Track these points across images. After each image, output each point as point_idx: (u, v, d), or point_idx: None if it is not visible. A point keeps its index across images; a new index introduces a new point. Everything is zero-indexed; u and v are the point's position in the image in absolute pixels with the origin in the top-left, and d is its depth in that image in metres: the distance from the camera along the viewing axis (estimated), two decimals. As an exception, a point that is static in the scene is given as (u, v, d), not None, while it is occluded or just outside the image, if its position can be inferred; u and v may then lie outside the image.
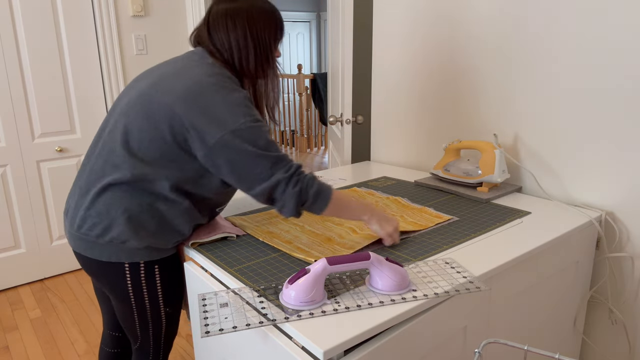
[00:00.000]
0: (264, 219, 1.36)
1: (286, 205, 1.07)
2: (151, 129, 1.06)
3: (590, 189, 1.44)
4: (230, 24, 1.13)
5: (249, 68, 1.16)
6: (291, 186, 1.06)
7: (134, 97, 1.10)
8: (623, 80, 1.31)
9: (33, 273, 2.80)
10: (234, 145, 1.03)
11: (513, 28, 1.54)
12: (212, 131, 1.02)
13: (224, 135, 1.02)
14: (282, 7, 7.67)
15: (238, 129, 1.03)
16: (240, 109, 1.05)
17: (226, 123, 1.02)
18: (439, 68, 1.80)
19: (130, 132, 1.08)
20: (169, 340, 1.29)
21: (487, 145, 1.54)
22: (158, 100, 1.06)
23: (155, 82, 1.09)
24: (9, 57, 2.51)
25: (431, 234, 1.23)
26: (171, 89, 1.06)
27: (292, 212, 1.08)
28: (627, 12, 1.27)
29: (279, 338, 0.85)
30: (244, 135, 1.03)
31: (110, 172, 1.09)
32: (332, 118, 2.09)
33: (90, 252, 1.11)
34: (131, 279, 1.14)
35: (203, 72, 1.07)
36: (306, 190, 1.07)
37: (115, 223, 1.08)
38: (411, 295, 0.93)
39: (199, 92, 1.04)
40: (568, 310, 1.41)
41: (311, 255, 1.10)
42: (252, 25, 1.13)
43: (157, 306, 1.20)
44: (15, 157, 2.62)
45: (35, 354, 2.10)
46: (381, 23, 2.00)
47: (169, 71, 1.10)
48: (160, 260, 1.16)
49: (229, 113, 1.03)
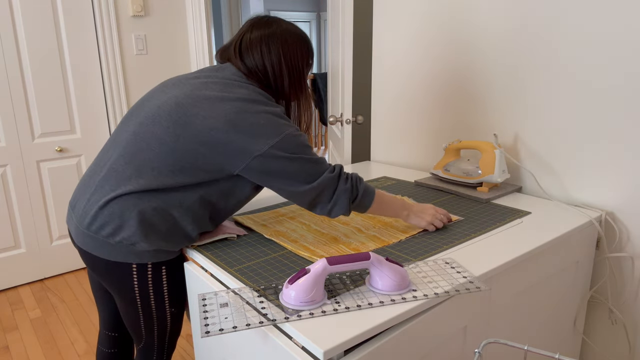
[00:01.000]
0: (270, 217, 1.36)
1: (339, 202, 1.11)
2: (191, 144, 1.06)
3: (590, 189, 1.44)
4: (265, 49, 1.16)
5: (284, 91, 1.20)
6: (342, 183, 1.11)
7: (172, 105, 1.09)
8: (623, 80, 1.31)
9: (33, 273, 2.80)
10: (282, 154, 1.06)
11: (514, 29, 1.54)
12: (260, 144, 1.05)
13: (272, 146, 1.05)
14: (282, 7, 7.67)
15: (285, 138, 1.07)
16: (283, 120, 1.09)
17: (273, 134, 1.06)
18: (439, 68, 1.80)
19: (164, 142, 1.07)
20: (173, 340, 1.29)
21: (487, 145, 1.54)
22: (202, 118, 1.06)
23: (195, 99, 1.09)
24: (9, 57, 2.51)
25: (431, 234, 1.23)
26: (214, 109, 1.07)
27: (344, 209, 1.12)
28: (628, 12, 1.27)
29: (279, 338, 0.85)
30: (291, 143, 1.07)
31: (135, 178, 1.07)
32: (332, 118, 2.09)
33: (99, 251, 1.11)
34: (138, 280, 1.14)
35: (246, 92, 1.11)
36: (356, 186, 1.13)
37: (126, 224, 1.07)
38: (411, 295, 0.93)
39: (245, 110, 1.07)
40: (568, 310, 1.41)
41: (316, 255, 1.10)
42: (287, 51, 1.17)
43: (162, 306, 1.20)
44: (15, 157, 2.62)
45: (35, 354, 2.10)
46: (381, 23, 2.00)
47: (208, 92, 1.10)
48: (167, 262, 1.16)
49: (274, 125, 1.07)
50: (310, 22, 8.06)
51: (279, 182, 1.09)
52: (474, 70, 1.68)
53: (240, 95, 1.09)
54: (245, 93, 1.10)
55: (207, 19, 2.91)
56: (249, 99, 1.08)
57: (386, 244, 1.17)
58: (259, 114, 1.07)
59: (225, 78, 1.13)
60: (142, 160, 1.07)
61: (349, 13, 1.91)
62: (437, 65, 1.80)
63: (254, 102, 1.08)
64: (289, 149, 1.07)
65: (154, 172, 1.07)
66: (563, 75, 1.44)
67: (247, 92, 1.10)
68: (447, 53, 1.76)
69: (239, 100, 1.07)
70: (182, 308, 1.27)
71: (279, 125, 1.07)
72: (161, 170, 1.07)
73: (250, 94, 1.10)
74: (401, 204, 1.22)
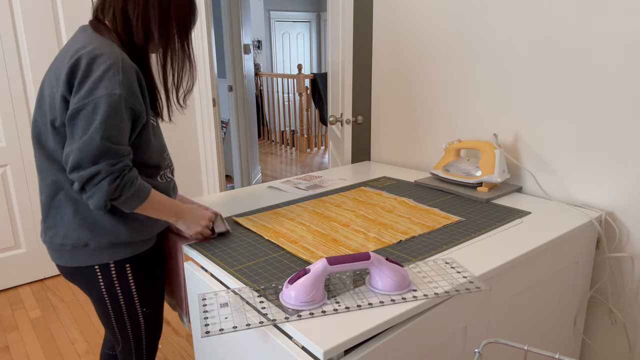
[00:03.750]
0: (270, 218, 1.36)
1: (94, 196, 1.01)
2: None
3: (590, 189, 1.44)
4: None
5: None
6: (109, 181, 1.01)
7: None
8: (623, 80, 1.31)
9: (33, 273, 2.80)
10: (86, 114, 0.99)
11: (514, 29, 1.54)
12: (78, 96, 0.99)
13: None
14: (282, 7, 7.68)
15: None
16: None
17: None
18: (439, 68, 1.80)
19: (39, 125, 1.08)
20: (151, 342, 1.27)
21: (487, 145, 1.54)
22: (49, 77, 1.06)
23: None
24: (9, 57, 2.51)
25: (431, 234, 1.23)
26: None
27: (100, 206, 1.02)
28: (629, 12, 1.27)
29: (279, 338, 0.85)
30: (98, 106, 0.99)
31: (44, 175, 1.09)
32: (332, 118, 2.09)
33: (62, 260, 1.11)
34: (104, 281, 1.13)
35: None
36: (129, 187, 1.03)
37: (69, 228, 1.08)
38: (411, 295, 0.93)
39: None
40: (568, 310, 1.41)
41: (316, 256, 1.10)
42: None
43: (133, 307, 1.19)
44: (15, 157, 2.62)
45: (36, 354, 2.10)
46: (381, 23, 2.00)
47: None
48: (132, 259, 1.15)
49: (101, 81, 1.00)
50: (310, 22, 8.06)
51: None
52: (474, 70, 1.68)
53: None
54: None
55: (207, 19, 2.91)
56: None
57: (386, 244, 1.17)
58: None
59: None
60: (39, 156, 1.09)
61: (349, 13, 1.91)
62: (437, 65, 1.80)
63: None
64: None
65: (53, 164, 1.08)
66: (564, 75, 1.44)
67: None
68: (448, 53, 1.76)
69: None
70: (156, 308, 1.25)
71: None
72: (55, 156, 1.07)
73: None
74: (172, 209, 1.13)
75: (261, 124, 7.15)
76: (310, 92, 6.12)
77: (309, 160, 5.83)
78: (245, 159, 4.27)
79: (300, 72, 5.86)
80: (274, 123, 6.73)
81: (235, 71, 4.06)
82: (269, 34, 7.65)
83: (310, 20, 8.04)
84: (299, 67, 5.87)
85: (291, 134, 6.49)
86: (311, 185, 1.71)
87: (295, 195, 1.58)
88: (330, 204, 1.48)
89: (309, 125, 6.22)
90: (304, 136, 6.25)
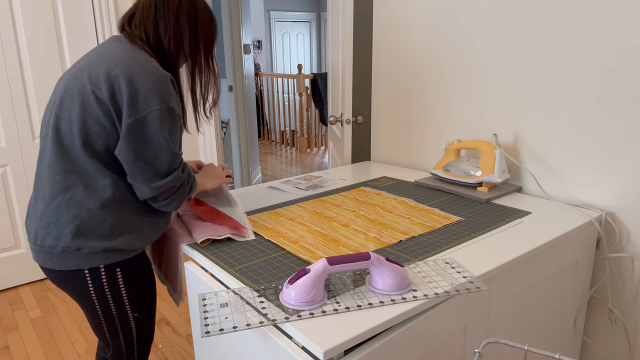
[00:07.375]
0: (270, 218, 1.36)
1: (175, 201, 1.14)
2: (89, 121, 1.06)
3: (590, 189, 1.44)
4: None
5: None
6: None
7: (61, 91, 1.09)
8: (623, 80, 1.31)
9: (33, 273, 2.80)
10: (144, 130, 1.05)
11: (514, 28, 1.54)
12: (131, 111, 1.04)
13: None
14: (282, 7, 7.68)
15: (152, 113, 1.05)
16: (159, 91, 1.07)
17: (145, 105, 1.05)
18: (439, 68, 1.80)
19: (61, 119, 1.07)
20: (143, 347, 1.26)
21: (487, 145, 1.54)
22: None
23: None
24: (9, 57, 2.51)
25: (431, 234, 1.23)
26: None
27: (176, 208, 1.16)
28: (630, 14, 1.27)
29: (279, 338, 0.85)
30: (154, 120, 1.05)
31: (53, 172, 1.08)
32: (332, 118, 2.09)
33: (50, 263, 1.09)
34: (93, 285, 1.11)
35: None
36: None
37: (64, 231, 1.06)
38: (411, 295, 0.93)
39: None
40: (568, 310, 1.41)
41: (316, 256, 1.10)
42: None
43: (124, 312, 1.17)
44: (15, 157, 2.62)
45: (36, 354, 2.10)
46: (381, 23, 2.00)
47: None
48: (122, 263, 1.13)
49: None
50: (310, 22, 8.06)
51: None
52: (474, 70, 1.68)
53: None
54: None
55: (207, 19, 2.91)
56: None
57: (386, 244, 1.17)
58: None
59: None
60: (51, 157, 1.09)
61: (349, 13, 1.91)
62: (437, 65, 1.80)
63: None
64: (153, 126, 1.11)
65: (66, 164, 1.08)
66: (564, 75, 1.44)
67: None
68: (448, 53, 1.76)
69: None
70: (148, 313, 1.24)
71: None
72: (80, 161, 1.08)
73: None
74: (200, 186, 1.30)
75: (261, 124, 7.15)
76: (310, 92, 6.12)
77: (309, 160, 5.83)
78: (245, 159, 4.27)
79: (300, 72, 5.86)
80: (274, 123, 6.73)
81: (235, 71, 4.06)
82: (269, 34, 7.66)
83: (310, 20, 8.04)
84: (299, 67, 5.87)
85: (291, 134, 6.49)
86: (311, 185, 1.71)
87: (295, 195, 1.58)
88: (330, 204, 1.48)
89: (309, 125, 6.22)
90: (304, 136, 6.25)
